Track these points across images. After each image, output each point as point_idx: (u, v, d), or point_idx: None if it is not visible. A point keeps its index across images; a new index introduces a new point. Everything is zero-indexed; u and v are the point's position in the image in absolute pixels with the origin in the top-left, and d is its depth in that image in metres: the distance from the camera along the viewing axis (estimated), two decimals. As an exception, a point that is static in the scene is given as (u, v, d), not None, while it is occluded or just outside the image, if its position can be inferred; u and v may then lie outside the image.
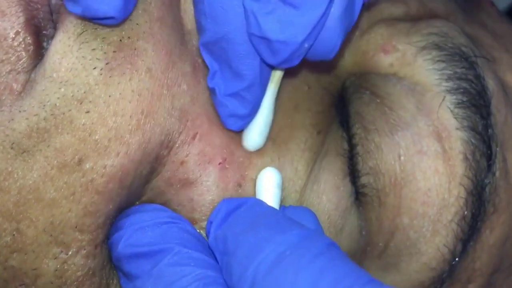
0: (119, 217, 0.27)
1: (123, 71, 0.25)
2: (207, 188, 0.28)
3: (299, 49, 0.25)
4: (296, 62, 0.26)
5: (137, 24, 0.26)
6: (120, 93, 0.25)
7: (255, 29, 0.25)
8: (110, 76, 0.25)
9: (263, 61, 0.27)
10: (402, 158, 0.30)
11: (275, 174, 0.28)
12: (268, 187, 0.28)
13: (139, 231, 0.26)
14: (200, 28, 0.27)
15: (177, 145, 0.27)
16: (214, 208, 0.28)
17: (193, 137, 0.28)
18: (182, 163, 0.28)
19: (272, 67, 0.28)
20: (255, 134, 0.28)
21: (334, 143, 0.30)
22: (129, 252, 0.26)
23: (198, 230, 0.28)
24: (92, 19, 0.25)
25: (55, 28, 0.25)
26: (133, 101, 0.26)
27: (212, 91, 0.28)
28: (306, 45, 0.25)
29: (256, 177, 0.29)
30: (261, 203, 0.27)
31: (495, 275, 0.33)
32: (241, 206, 0.27)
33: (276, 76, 0.28)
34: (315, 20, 0.25)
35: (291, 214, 0.28)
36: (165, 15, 0.27)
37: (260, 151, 0.29)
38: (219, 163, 0.28)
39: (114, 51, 0.25)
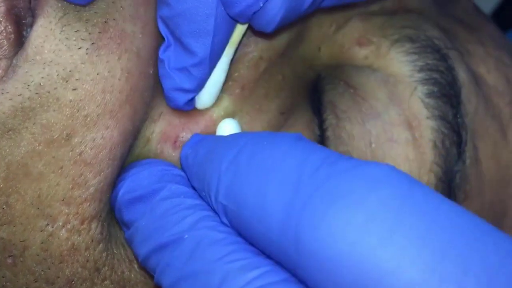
0: (118, 175, 0.28)
1: (111, 51, 0.27)
2: None
3: (253, 4, 0.27)
4: (247, 16, 0.27)
5: (121, 7, 0.27)
6: (109, 71, 0.27)
7: None
8: (97, 55, 0.26)
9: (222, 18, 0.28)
10: (373, 145, 0.31)
11: (234, 124, 0.30)
12: (228, 132, 0.29)
13: (135, 180, 0.28)
14: (161, 2, 0.28)
15: (147, 122, 0.29)
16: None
17: (159, 115, 0.29)
18: (148, 140, 0.29)
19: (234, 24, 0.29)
20: (205, 94, 0.29)
21: (300, 121, 0.31)
22: (127, 199, 0.27)
23: None
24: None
25: (33, 16, 0.27)
26: (122, 78, 0.27)
27: (160, 63, 0.29)
28: (261, 4, 0.27)
29: None
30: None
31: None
32: (210, 136, 0.29)
33: (234, 38, 0.29)
34: None
35: None
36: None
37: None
38: (174, 142, 0.29)
39: (99, 32, 0.27)
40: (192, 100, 0.29)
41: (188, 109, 0.29)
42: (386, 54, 0.33)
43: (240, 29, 0.29)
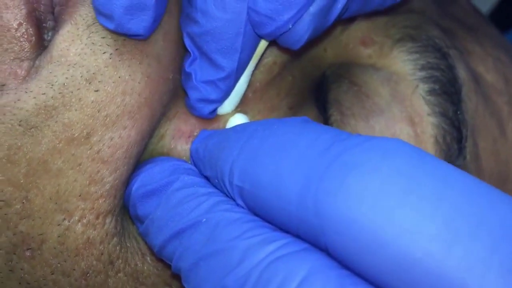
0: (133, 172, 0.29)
1: (133, 56, 0.28)
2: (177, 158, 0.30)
3: (283, 27, 0.28)
4: (275, 36, 0.29)
5: None
6: (130, 75, 0.28)
7: (253, 5, 0.28)
8: (119, 60, 0.28)
9: (253, 35, 0.29)
10: None
11: (243, 118, 0.31)
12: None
13: (148, 175, 0.28)
14: (186, 18, 0.29)
15: (162, 121, 0.30)
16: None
17: (174, 115, 0.30)
18: (162, 137, 0.30)
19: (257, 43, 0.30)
20: (227, 102, 0.31)
21: (307, 115, 0.32)
22: (140, 193, 0.28)
23: None
24: (123, 35, 0.28)
25: (55, 21, 0.28)
26: (142, 82, 0.28)
27: (187, 76, 0.30)
28: (290, 26, 0.28)
29: None
30: None
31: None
32: (219, 130, 0.30)
33: (258, 52, 0.30)
34: (297, 9, 0.28)
35: None
36: (171, 8, 0.29)
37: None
38: (189, 137, 0.30)
39: (124, 39, 0.28)
40: (215, 110, 0.30)
41: (211, 117, 0.31)
42: (389, 53, 0.34)
43: (263, 44, 0.30)
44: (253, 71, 0.31)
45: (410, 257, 0.21)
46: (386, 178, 0.22)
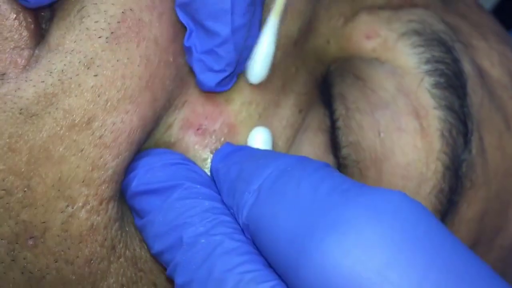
0: (132, 161, 0.29)
1: (130, 39, 0.28)
2: (184, 150, 0.30)
3: None
4: None
5: None
6: (128, 58, 0.28)
7: None
8: (116, 44, 0.27)
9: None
10: (382, 134, 0.32)
11: (265, 133, 0.30)
12: (259, 144, 0.30)
13: (150, 171, 0.28)
14: None
15: (170, 110, 0.30)
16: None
17: (183, 104, 0.30)
18: (169, 126, 0.30)
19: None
20: (257, 65, 0.30)
21: (315, 120, 0.32)
22: (141, 190, 0.28)
23: None
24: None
25: (50, 10, 0.28)
26: (141, 65, 0.28)
27: (188, 50, 0.29)
28: None
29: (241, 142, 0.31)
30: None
31: (474, 249, 0.35)
32: (240, 148, 0.29)
33: (277, 7, 0.30)
34: None
35: None
36: None
37: (243, 122, 0.31)
38: (197, 129, 0.30)
39: (118, 22, 0.27)
40: (223, 80, 0.30)
41: (220, 90, 0.30)
42: (393, 46, 0.33)
43: None
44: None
45: None
46: (369, 245, 0.21)
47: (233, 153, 0.29)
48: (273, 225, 0.25)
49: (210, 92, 0.30)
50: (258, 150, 0.29)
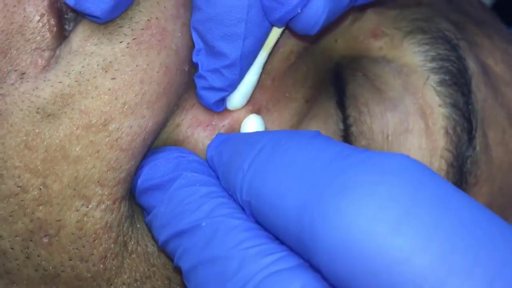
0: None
1: (151, 46, 0.28)
2: (193, 146, 0.30)
3: (292, 11, 0.28)
4: (285, 21, 0.29)
5: (164, 7, 0.29)
6: (147, 64, 0.28)
7: None
8: (137, 49, 0.28)
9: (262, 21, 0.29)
10: (390, 138, 0.32)
11: (258, 120, 0.31)
12: (252, 129, 0.31)
13: (153, 168, 0.29)
14: (194, 8, 0.29)
15: (178, 111, 0.30)
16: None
17: (192, 106, 0.31)
18: (177, 125, 0.30)
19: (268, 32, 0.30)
20: (237, 94, 0.31)
21: (323, 109, 0.33)
22: (145, 186, 0.29)
23: None
24: (81, 13, 0.27)
25: (76, 12, 0.28)
26: (160, 72, 0.28)
27: (194, 66, 0.30)
28: (298, 10, 0.28)
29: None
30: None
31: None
32: (232, 135, 0.30)
33: (269, 41, 0.30)
34: None
35: None
36: (187, 2, 0.30)
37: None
38: (207, 125, 0.31)
39: (142, 29, 0.28)
40: (222, 100, 0.30)
41: (217, 109, 0.30)
42: (400, 45, 0.34)
43: (276, 32, 0.30)
44: (269, 61, 0.31)
45: None
46: (381, 203, 0.22)
47: (225, 140, 0.29)
48: (277, 197, 0.25)
49: None
50: (248, 133, 0.30)
